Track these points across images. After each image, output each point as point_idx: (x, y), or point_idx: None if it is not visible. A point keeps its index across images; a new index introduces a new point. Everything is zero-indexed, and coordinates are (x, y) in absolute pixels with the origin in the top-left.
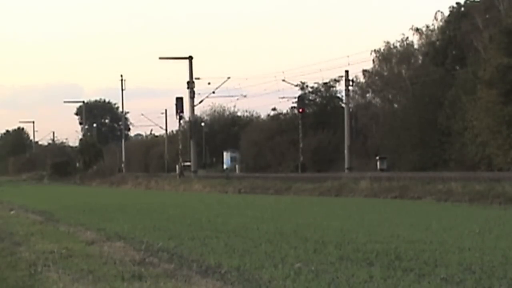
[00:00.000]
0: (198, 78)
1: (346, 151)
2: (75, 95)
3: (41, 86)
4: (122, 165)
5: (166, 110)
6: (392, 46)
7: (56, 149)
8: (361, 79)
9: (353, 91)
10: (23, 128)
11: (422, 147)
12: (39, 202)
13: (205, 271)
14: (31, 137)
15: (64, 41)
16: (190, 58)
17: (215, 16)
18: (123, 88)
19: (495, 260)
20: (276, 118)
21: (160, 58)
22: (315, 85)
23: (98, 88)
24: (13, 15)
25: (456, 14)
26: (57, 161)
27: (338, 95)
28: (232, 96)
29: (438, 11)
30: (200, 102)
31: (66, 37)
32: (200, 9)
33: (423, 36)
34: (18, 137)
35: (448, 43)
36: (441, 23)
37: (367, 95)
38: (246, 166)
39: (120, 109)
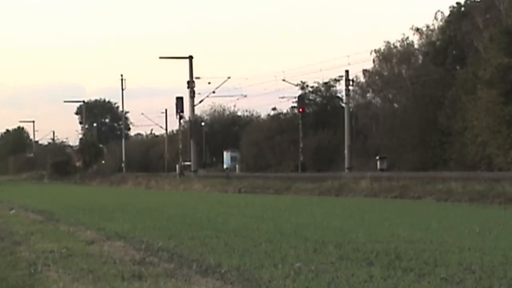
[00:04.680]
0: (198, 78)
1: (346, 151)
2: (77, 94)
3: (42, 86)
4: (122, 164)
5: (166, 110)
6: (392, 46)
7: (56, 148)
8: (361, 79)
9: (353, 91)
10: (23, 128)
11: (422, 147)
12: (39, 202)
13: (205, 271)
14: (31, 137)
15: (66, 41)
16: (190, 57)
17: (215, 16)
18: (124, 87)
19: (495, 260)
20: (276, 118)
21: (161, 57)
22: (315, 85)
23: (100, 87)
24: (16, 16)
25: (456, 14)
26: (57, 161)
27: (338, 94)
28: (232, 95)
29: (438, 11)
30: (200, 101)
31: (68, 37)
32: (200, 9)
33: (423, 36)
34: (18, 137)
35: (448, 43)
36: (441, 23)
37: (367, 95)
38: (246, 166)
39: (120, 109)
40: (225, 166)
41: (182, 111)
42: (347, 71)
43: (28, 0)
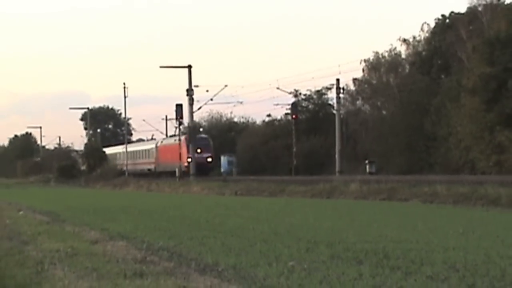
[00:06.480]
0: (197, 86)
1: (337, 155)
2: (82, 102)
3: (49, 94)
4: (125, 168)
5: (166, 116)
6: (380, 56)
7: (62, 153)
8: (351, 87)
9: (343, 98)
10: (31, 133)
11: (409, 152)
12: (46, 203)
13: (203, 269)
14: (39, 142)
15: (72, 52)
16: (189, 67)
17: (213, 27)
18: (126, 95)
19: (478, 259)
20: (271, 124)
21: (161, 67)
22: (308, 93)
23: (104, 95)
24: (25, 27)
25: (441, 26)
26: (63, 165)
27: (330, 102)
28: (229, 103)
29: (425, 22)
30: (199, 108)
31: (74, 48)
32: (198, 21)
33: (410, 46)
34: (26, 142)
35: (434, 53)
36: (427, 34)
37: (357, 102)
38: (242, 170)
39: (123, 115)
40: (222, 170)
41: (182, 118)
42: (338, 80)
43: (34, 12)
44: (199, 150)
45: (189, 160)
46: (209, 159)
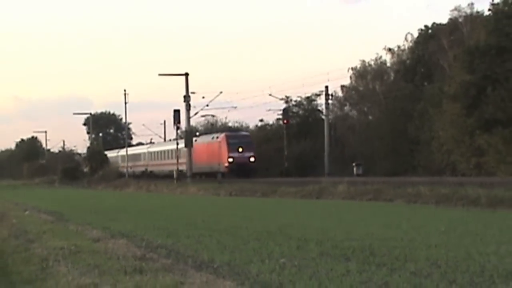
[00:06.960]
0: (193, 93)
1: (326, 158)
2: (85, 107)
3: (54, 99)
4: (125, 170)
5: (165, 121)
6: (367, 64)
7: (66, 156)
8: (340, 93)
9: (332, 104)
10: (36, 137)
11: (394, 155)
12: (50, 204)
13: (199, 266)
14: (44, 145)
15: (76, 59)
16: (187, 74)
17: (209, 37)
18: (127, 101)
19: (459, 256)
20: (263, 129)
21: (160, 74)
22: (298, 99)
23: (106, 101)
24: (31, 36)
25: (424, 36)
26: (66, 167)
27: (319, 108)
28: (224, 108)
29: (408, 33)
30: (195, 114)
31: (78, 55)
32: (195, 31)
33: (395, 55)
34: (32, 145)
35: (417, 61)
36: (411, 44)
37: (345, 108)
38: None
39: (124, 120)
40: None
41: (179, 123)
42: (326, 87)
43: (44, 23)
44: (240, 149)
45: (230, 160)
46: (252, 159)
